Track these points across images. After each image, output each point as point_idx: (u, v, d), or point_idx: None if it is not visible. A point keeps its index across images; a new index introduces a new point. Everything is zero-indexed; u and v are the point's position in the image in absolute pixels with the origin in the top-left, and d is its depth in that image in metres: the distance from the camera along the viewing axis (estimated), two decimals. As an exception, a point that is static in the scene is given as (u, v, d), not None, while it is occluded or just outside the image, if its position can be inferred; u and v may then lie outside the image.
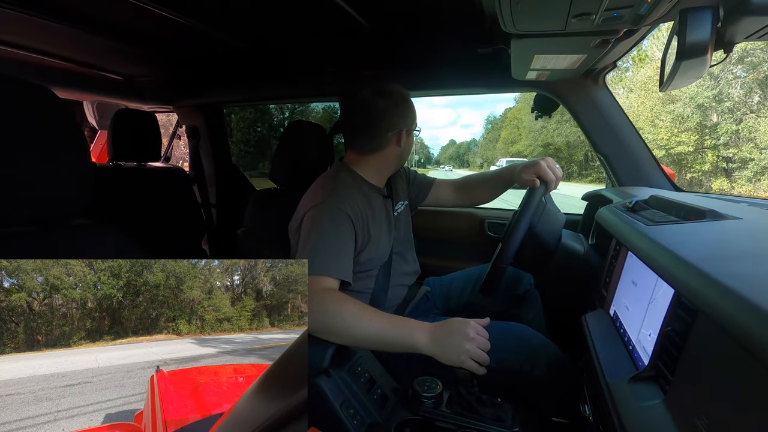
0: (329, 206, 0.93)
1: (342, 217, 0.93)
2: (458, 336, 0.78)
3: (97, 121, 2.34)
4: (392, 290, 1.10)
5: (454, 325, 0.80)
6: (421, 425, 0.79)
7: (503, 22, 0.78)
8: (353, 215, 0.95)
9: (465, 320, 0.81)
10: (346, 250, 0.92)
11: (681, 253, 0.46)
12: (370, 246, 1.00)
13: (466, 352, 0.77)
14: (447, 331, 0.79)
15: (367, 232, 0.99)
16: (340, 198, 0.95)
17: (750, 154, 14.47)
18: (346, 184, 1.01)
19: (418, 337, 0.79)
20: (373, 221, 1.02)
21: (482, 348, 0.78)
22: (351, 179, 1.04)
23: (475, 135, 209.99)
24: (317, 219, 0.92)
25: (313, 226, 0.92)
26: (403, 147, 1.07)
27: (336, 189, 0.98)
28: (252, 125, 16.33)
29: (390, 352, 0.87)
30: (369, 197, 1.05)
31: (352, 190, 1.00)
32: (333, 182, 1.01)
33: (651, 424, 0.45)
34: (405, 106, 1.05)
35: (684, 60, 0.67)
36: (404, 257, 1.17)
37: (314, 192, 1.02)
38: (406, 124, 1.05)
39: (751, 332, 0.30)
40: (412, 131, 1.09)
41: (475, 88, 1.55)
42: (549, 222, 1.06)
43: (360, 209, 0.97)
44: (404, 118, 1.04)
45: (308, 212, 0.96)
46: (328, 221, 0.92)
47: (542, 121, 1.51)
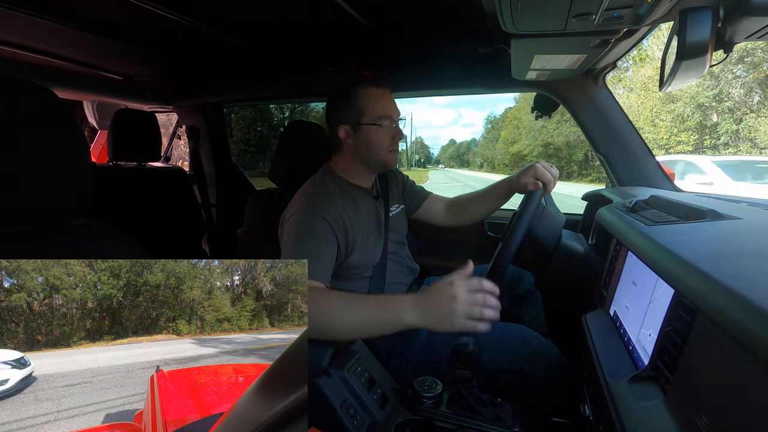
0: (308, 212, 0.94)
1: (320, 222, 0.93)
2: (446, 300, 0.74)
3: (97, 121, 2.34)
4: (389, 289, 1.10)
5: (439, 290, 0.75)
6: (421, 425, 0.78)
7: (503, 22, 0.78)
8: (332, 221, 0.95)
9: (449, 281, 0.76)
10: (324, 255, 0.91)
11: (681, 253, 0.46)
12: (358, 249, 1.00)
13: (460, 314, 0.73)
14: (433, 299, 0.75)
15: (351, 236, 0.99)
16: (318, 203, 0.95)
17: (750, 153, 14.47)
18: (327, 188, 1.01)
19: (405, 313, 0.76)
20: (358, 224, 1.01)
21: (477, 302, 0.73)
22: (334, 183, 1.04)
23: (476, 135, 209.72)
24: (296, 224, 0.93)
25: (292, 232, 0.93)
26: (355, 142, 1.02)
27: (314, 194, 0.98)
28: (252, 125, 16.35)
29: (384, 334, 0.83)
30: (355, 199, 1.04)
31: (332, 195, 1.00)
32: (313, 187, 1.02)
33: (651, 424, 0.45)
34: (342, 101, 1.02)
35: (684, 60, 0.68)
36: (400, 257, 1.16)
37: (296, 198, 1.02)
38: (349, 119, 1.01)
39: (751, 332, 0.30)
40: (364, 125, 1.00)
41: (475, 88, 1.55)
42: (549, 223, 1.06)
43: (339, 214, 0.97)
44: (344, 112, 1.01)
45: (290, 218, 0.96)
46: (306, 227, 0.92)
47: (542, 121, 1.51)
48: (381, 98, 1.02)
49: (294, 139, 1.36)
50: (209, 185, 2.30)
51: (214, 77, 1.95)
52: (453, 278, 0.76)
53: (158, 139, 1.75)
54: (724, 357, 0.37)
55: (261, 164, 15.34)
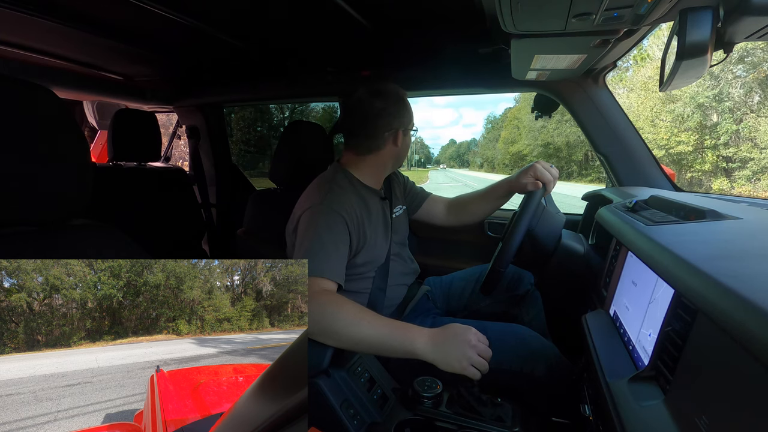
0: (324, 208, 0.93)
1: (337, 218, 0.93)
2: (460, 342, 0.77)
3: (97, 121, 2.34)
4: (391, 290, 1.10)
5: (455, 331, 0.79)
6: (421, 425, 0.78)
7: (503, 22, 0.78)
8: (348, 217, 0.94)
9: (466, 326, 0.81)
10: (340, 252, 0.91)
11: (681, 253, 0.46)
12: (367, 248, 1.00)
13: (467, 359, 0.76)
14: (448, 337, 0.79)
15: (363, 235, 0.99)
16: (336, 200, 0.95)
17: (750, 153, 14.47)
18: (342, 186, 1.01)
19: (417, 343, 0.78)
20: (369, 223, 1.01)
21: (483, 355, 0.78)
22: (347, 181, 1.04)
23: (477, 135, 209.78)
24: (312, 220, 0.92)
25: (309, 228, 0.92)
26: (399, 147, 1.06)
27: (331, 191, 0.98)
28: (252, 125, 16.34)
29: (390, 357, 0.86)
30: (365, 199, 1.04)
31: (347, 192, 1.00)
32: (329, 184, 1.01)
33: (651, 424, 0.45)
34: (401, 106, 1.04)
35: (684, 60, 0.67)
36: (402, 258, 1.17)
37: (310, 193, 1.02)
38: (403, 124, 1.04)
39: (751, 332, 0.30)
40: (409, 131, 1.08)
41: (475, 88, 1.55)
42: (549, 223, 1.06)
43: (355, 211, 0.97)
44: (400, 117, 1.04)
45: (304, 214, 0.96)
46: (323, 223, 0.91)
47: (542, 120, 1.51)
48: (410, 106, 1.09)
49: (294, 139, 1.36)
50: (209, 185, 2.30)
51: (214, 77, 1.95)
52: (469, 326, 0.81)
53: (158, 139, 1.75)
54: (724, 357, 0.37)
55: (261, 164, 15.33)
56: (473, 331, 0.80)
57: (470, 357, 0.76)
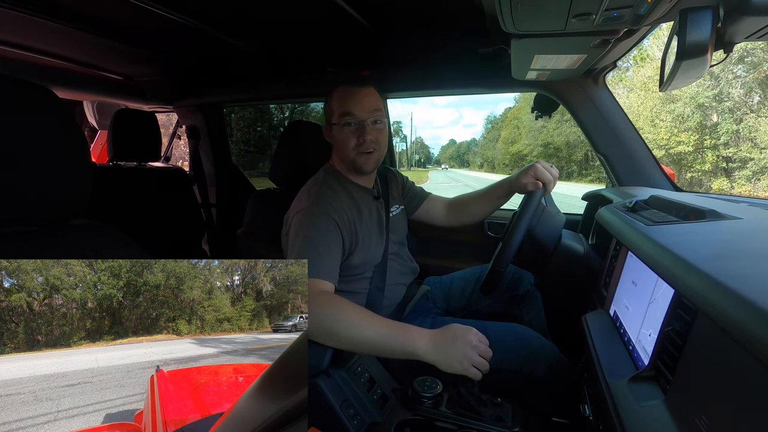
0: (314, 210, 0.94)
1: (327, 220, 0.93)
2: (461, 343, 0.78)
3: (97, 121, 2.34)
4: (389, 290, 1.10)
5: (456, 332, 0.80)
6: (421, 425, 0.78)
7: (503, 22, 0.78)
8: (339, 219, 0.95)
9: (466, 327, 0.81)
10: (333, 254, 0.92)
11: (681, 253, 0.46)
12: (360, 248, 1.00)
13: (468, 359, 0.77)
14: (448, 338, 0.79)
15: (355, 235, 0.99)
16: (325, 202, 0.95)
17: (749, 153, 14.46)
18: (332, 187, 1.01)
19: (418, 344, 0.78)
20: (361, 224, 1.01)
21: (483, 355, 0.78)
22: (337, 182, 1.04)
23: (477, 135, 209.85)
24: (303, 223, 0.93)
25: (300, 231, 0.92)
26: (333, 143, 1.06)
27: (321, 192, 0.98)
28: (252, 125, 16.33)
29: (390, 358, 0.86)
30: (357, 199, 1.04)
31: (338, 193, 1.00)
32: (318, 186, 1.01)
33: (651, 424, 0.45)
34: (329, 100, 1.05)
35: (684, 60, 0.67)
36: (401, 257, 1.16)
37: (300, 197, 1.02)
38: (327, 119, 1.06)
39: (751, 332, 0.30)
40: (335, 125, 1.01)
41: (475, 88, 1.55)
42: (549, 223, 1.06)
43: (346, 212, 0.97)
44: (326, 112, 1.06)
45: (295, 217, 0.96)
46: (313, 225, 0.92)
47: (542, 120, 1.51)
48: (348, 97, 0.99)
49: (294, 139, 1.36)
50: (209, 185, 2.30)
51: (214, 77, 1.95)
52: (470, 327, 0.81)
53: (158, 139, 1.75)
54: (724, 357, 0.37)
55: (261, 164, 15.32)
56: (474, 332, 0.80)
57: (471, 357, 0.77)
